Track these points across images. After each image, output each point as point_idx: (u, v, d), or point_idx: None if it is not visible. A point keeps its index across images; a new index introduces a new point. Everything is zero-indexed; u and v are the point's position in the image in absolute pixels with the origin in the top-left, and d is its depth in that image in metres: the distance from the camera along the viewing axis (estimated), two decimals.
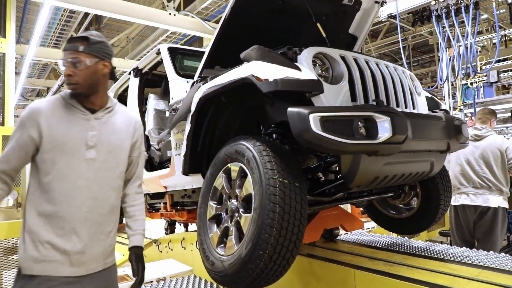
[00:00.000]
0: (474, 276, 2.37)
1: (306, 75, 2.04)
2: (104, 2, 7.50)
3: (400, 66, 2.77)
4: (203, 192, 2.47)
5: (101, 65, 1.77)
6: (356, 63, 2.32)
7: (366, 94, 2.26)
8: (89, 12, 8.26)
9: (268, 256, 1.87)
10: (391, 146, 1.99)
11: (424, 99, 2.84)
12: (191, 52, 3.86)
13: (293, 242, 1.93)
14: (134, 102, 4.13)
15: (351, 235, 3.77)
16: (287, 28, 3.12)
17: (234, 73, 2.22)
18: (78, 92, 1.75)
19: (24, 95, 16.86)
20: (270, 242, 1.85)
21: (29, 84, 14.56)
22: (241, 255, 1.96)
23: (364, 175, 2.14)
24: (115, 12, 7.67)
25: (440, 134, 2.44)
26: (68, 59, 1.70)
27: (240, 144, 2.17)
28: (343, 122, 1.91)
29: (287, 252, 1.93)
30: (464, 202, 4.21)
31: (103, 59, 1.77)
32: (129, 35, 11.80)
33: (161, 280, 3.23)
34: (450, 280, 2.29)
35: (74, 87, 1.72)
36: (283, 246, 1.90)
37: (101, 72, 1.77)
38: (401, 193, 3.16)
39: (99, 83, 1.79)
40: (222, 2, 8.26)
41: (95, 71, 1.74)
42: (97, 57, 1.74)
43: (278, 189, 1.89)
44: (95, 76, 1.75)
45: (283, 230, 1.88)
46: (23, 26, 9.96)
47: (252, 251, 1.89)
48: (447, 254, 2.97)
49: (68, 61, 1.69)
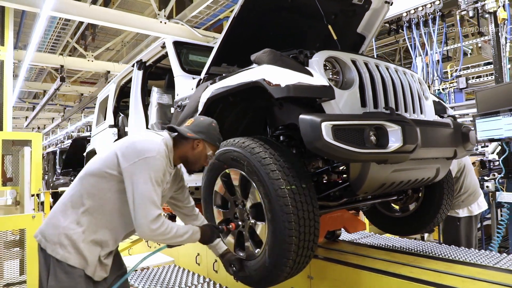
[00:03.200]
0: (477, 275, 2.40)
1: (318, 80, 2.01)
2: (97, 12, 7.95)
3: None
4: (204, 197, 2.47)
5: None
6: (367, 67, 2.30)
7: (375, 99, 2.25)
8: (83, 21, 8.85)
9: (292, 261, 1.97)
10: (401, 155, 1.99)
11: (431, 103, 2.82)
12: (197, 47, 3.80)
13: (311, 240, 2.02)
14: (137, 95, 4.08)
15: (353, 235, 3.80)
16: (295, 27, 3.08)
17: (244, 75, 2.19)
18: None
19: (21, 97, 17.49)
20: (293, 249, 1.93)
21: (26, 88, 14.95)
22: (265, 263, 2.04)
23: (372, 182, 2.14)
24: (108, 21, 8.12)
25: (448, 141, 2.44)
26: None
27: (236, 152, 2.16)
28: (355, 130, 1.90)
29: (308, 251, 2.03)
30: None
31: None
32: (124, 39, 12.06)
33: (145, 269, 3.64)
34: (457, 281, 2.32)
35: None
36: (304, 247, 2.00)
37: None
38: (404, 196, 3.17)
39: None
40: (211, 11, 8.64)
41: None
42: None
43: (288, 198, 1.90)
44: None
45: (301, 235, 1.95)
46: (21, 31, 10.19)
47: (276, 260, 1.98)
48: (451, 254, 3.01)
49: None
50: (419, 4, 6.44)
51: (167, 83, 4.08)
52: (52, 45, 10.94)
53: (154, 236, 1.77)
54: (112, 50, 12.92)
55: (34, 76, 14.97)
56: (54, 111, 20.90)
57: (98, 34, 11.63)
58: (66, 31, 10.22)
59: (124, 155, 1.80)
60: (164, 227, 1.77)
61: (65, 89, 14.79)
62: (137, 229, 1.77)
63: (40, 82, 15.34)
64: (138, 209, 1.74)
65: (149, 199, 1.74)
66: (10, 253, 3.22)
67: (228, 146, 2.24)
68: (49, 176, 13.51)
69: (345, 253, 2.99)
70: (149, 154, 1.78)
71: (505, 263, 2.74)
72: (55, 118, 21.88)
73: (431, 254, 3.01)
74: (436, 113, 2.86)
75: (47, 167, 14.33)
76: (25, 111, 20.65)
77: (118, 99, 4.94)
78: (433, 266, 2.58)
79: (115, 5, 9.81)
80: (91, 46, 12.16)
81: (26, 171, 3.29)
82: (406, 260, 2.75)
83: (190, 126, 2.01)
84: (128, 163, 1.78)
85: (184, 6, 8.77)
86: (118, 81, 4.79)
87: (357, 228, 3.19)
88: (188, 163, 2.04)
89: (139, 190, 1.74)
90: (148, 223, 1.72)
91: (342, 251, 3.05)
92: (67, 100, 18.85)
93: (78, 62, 11.81)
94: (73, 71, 14.15)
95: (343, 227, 3.16)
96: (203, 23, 9.13)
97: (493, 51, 5.48)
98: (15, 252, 3.15)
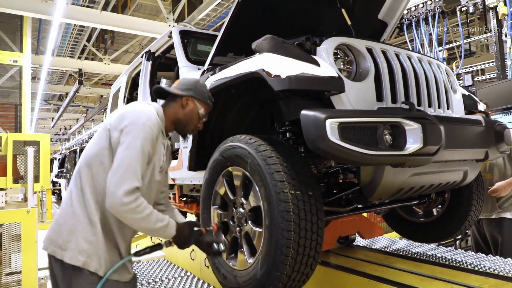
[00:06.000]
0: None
1: (325, 71, 1.76)
2: (107, 18, 8.35)
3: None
4: (203, 196, 2.27)
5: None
6: (385, 56, 2.02)
7: (394, 93, 1.97)
8: (96, 27, 9.37)
9: (286, 276, 1.72)
10: (421, 158, 1.72)
11: (460, 97, 2.51)
12: (206, 36, 3.59)
13: (311, 256, 1.77)
14: (146, 87, 3.94)
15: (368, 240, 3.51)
16: (310, 14, 2.81)
17: (243, 65, 1.97)
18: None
19: (46, 99, 18.47)
20: (288, 263, 1.69)
21: (49, 90, 15.77)
22: (256, 275, 1.80)
23: (387, 187, 1.88)
24: (118, 26, 8.52)
25: (478, 141, 2.13)
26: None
27: (241, 148, 1.94)
28: (366, 129, 1.64)
29: (306, 268, 1.78)
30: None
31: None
32: (142, 42, 12.39)
33: (135, 262, 3.69)
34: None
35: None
36: (302, 263, 1.75)
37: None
38: (427, 199, 2.87)
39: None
40: (217, 14, 8.79)
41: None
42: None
43: (291, 203, 1.67)
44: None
45: (300, 248, 1.71)
46: (40, 36, 10.72)
47: (269, 272, 1.73)
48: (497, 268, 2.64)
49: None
50: (420, 1, 6.37)
51: (176, 74, 3.91)
52: (70, 49, 11.59)
53: (123, 212, 1.51)
54: (130, 53, 13.32)
55: (57, 79, 15.72)
56: (78, 112, 21.75)
57: (116, 38, 12.10)
58: (82, 36, 10.79)
59: (113, 127, 1.63)
60: (137, 204, 1.51)
61: (86, 91, 15.50)
62: (106, 199, 1.52)
63: (62, 85, 16.05)
64: (114, 176, 1.51)
65: (130, 168, 1.52)
66: (15, 246, 3.26)
67: (234, 142, 2.03)
68: (71, 174, 13.85)
69: (361, 261, 2.73)
70: (138, 121, 1.61)
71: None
72: (79, 119, 22.71)
73: (469, 267, 2.66)
74: (465, 109, 2.55)
75: (69, 165, 14.68)
76: (51, 112, 21.48)
77: (130, 91, 4.82)
78: (475, 283, 2.23)
79: (131, 10, 10.04)
80: (111, 49, 12.61)
81: (30, 170, 3.33)
82: (437, 273, 2.43)
83: (177, 86, 1.91)
84: (117, 134, 1.60)
85: (195, 9, 8.91)
86: (130, 73, 4.67)
87: (373, 234, 2.92)
88: (180, 125, 1.89)
89: (120, 156, 1.54)
90: (121, 194, 1.48)
91: (358, 259, 2.78)
92: (90, 101, 19.66)
93: (95, 66, 12.41)
94: (94, 74, 14.91)
95: (357, 233, 2.89)
96: (211, 26, 9.41)
97: (495, 47, 5.40)
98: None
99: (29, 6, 7.52)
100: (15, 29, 8.59)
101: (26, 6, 7.52)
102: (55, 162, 18.09)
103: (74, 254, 1.57)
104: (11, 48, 8.37)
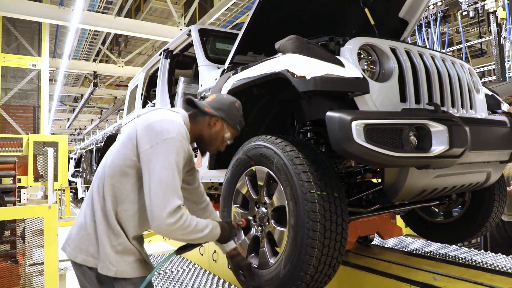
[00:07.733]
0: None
1: (349, 72, 1.75)
2: (121, 23, 8.69)
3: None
4: (224, 195, 2.28)
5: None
6: (409, 56, 2.01)
7: (418, 94, 1.95)
8: (110, 32, 9.66)
9: (309, 276, 1.73)
10: (446, 160, 1.70)
11: (483, 97, 2.48)
12: (225, 34, 3.60)
13: (335, 258, 1.78)
14: (164, 85, 3.96)
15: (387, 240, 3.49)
16: (330, 12, 2.80)
17: (267, 65, 1.97)
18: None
19: (62, 101, 19.21)
20: (312, 263, 1.70)
21: (65, 92, 16.54)
22: (278, 275, 1.81)
23: (410, 189, 1.87)
24: (131, 31, 8.85)
25: (503, 142, 2.11)
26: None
27: (266, 148, 1.94)
28: (391, 131, 1.64)
29: (329, 269, 1.79)
30: None
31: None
32: (154, 44, 12.65)
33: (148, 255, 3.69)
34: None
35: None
36: (325, 264, 1.76)
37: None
38: (447, 200, 2.84)
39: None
40: (227, 18, 8.89)
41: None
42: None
43: (317, 204, 1.67)
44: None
45: (325, 249, 1.72)
46: (57, 40, 11.16)
47: (292, 272, 1.75)
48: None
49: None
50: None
51: (194, 73, 3.94)
52: (86, 52, 12.05)
53: (172, 232, 1.47)
54: (144, 55, 13.59)
55: (73, 81, 16.34)
56: (93, 113, 22.28)
57: (130, 40, 12.51)
58: (97, 40, 11.29)
59: (140, 138, 1.56)
60: (183, 220, 1.47)
61: (100, 93, 15.98)
62: (151, 223, 1.47)
63: (78, 87, 16.64)
64: (155, 199, 1.46)
65: (169, 187, 1.47)
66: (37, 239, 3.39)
67: (259, 141, 2.03)
68: (87, 173, 14.04)
69: (379, 261, 2.71)
70: (168, 135, 1.52)
71: None
72: (94, 120, 23.28)
73: (498, 268, 2.58)
74: (488, 109, 2.51)
75: (85, 165, 14.89)
76: (67, 113, 22.04)
77: (148, 88, 4.86)
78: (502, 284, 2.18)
79: (144, 13, 10.21)
80: (124, 51, 12.97)
81: (50, 169, 3.43)
82: (463, 274, 2.38)
83: (210, 102, 1.78)
84: (146, 147, 1.53)
85: (206, 13, 8.97)
86: (147, 70, 4.70)
87: (392, 234, 2.90)
88: (202, 142, 1.79)
89: (157, 176, 1.47)
90: (166, 216, 1.44)
91: (377, 258, 2.76)
92: (104, 102, 20.22)
93: (109, 68, 12.81)
94: (108, 76, 15.36)
95: (377, 233, 2.88)
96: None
97: (495, 51, 5.57)
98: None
99: (47, 13, 7.78)
100: (33, 34, 8.94)
101: (45, 13, 7.79)
102: (71, 162, 18.35)
103: (105, 264, 1.55)
104: (30, 53, 8.72)
